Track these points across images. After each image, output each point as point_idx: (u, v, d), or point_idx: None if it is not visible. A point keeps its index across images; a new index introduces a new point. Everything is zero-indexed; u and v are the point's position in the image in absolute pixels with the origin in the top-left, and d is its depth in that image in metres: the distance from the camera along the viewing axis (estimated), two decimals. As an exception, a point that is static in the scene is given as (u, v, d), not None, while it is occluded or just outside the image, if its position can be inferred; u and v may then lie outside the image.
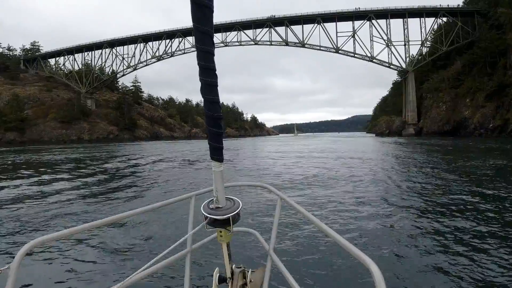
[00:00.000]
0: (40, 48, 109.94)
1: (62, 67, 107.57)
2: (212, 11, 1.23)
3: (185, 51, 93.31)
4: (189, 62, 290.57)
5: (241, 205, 1.56)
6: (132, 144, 62.30)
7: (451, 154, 21.30)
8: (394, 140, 51.74)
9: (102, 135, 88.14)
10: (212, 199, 1.56)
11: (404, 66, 78.33)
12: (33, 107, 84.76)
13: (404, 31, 78.15)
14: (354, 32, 79.43)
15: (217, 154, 1.49)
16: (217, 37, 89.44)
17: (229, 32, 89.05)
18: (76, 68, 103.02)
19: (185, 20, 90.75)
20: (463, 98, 64.05)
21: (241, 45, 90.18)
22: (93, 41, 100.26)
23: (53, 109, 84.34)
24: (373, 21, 78.63)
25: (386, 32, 78.05)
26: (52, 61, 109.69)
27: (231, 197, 1.61)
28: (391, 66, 79.40)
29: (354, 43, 79.64)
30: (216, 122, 1.42)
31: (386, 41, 78.10)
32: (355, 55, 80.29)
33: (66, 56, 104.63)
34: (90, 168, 17.26)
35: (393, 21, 78.82)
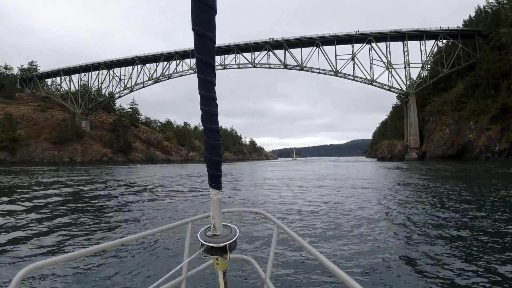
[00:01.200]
0: (38, 68, 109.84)
1: (59, 87, 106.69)
2: (214, 43, 1.27)
3: (183, 74, 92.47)
4: (188, 85, 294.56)
5: (238, 232, 1.59)
6: (125, 167, 60.13)
7: (466, 181, 19.03)
8: (396, 165, 49.42)
9: (95, 158, 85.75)
10: (209, 226, 1.59)
11: (405, 89, 77.09)
12: (26, 127, 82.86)
13: (404, 53, 77.42)
14: (354, 55, 78.70)
15: (215, 181, 1.51)
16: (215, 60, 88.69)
17: (227, 55, 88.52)
18: (73, 88, 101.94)
19: (183, 43, 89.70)
20: (467, 121, 62.60)
21: (239, 68, 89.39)
22: (90, 62, 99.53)
23: (46, 130, 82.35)
24: (373, 44, 78.00)
25: (386, 55, 77.28)
26: (49, 81, 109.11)
27: (228, 224, 1.63)
28: (392, 89, 78.10)
29: (353, 66, 78.79)
30: (215, 150, 1.44)
31: (386, 64, 77.16)
32: (355, 78, 79.18)
33: (63, 77, 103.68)
34: (81, 193, 16.53)
35: (393, 44, 78.29)
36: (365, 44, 78.69)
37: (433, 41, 76.86)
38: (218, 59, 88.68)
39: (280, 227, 1.79)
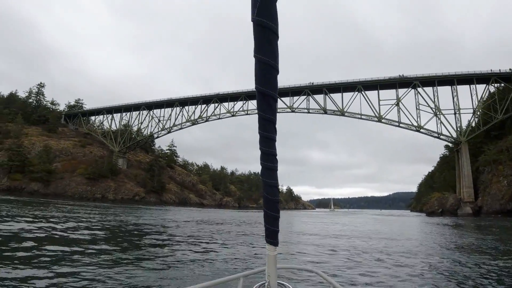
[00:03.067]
0: (84, 105, 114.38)
1: (100, 125, 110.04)
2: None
3: (220, 117, 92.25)
4: (227, 131, 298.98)
5: None
6: (158, 209, 58.28)
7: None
8: (453, 221, 43.30)
9: (127, 196, 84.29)
10: (264, 283, 1.55)
11: (455, 136, 71.26)
12: (63, 161, 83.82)
13: (453, 98, 72.68)
14: (398, 100, 74.89)
15: (272, 237, 1.49)
16: (253, 103, 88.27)
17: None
18: (114, 127, 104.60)
19: (221, 88, 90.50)
20: (527, 171, 56.04)
21: (278, 112, 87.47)
22: (131, 102, 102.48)
23: (83, 165, 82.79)
24: (419, 88, 74.21)
25: (433, 100, 72.87)
26: (92, 118, 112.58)
27: (283, 283, 1.59)
28: (441, 137, 72.50)
29: (398, 111, 74.71)
30: (274, 206, 1.44)
31: (434, 109, 72.47)
32: (400, 125, 74.63)
33: (105, 115, 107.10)
34: (118, 234, 15.99)
35: (440, 88, 74.11)
36: (410, 88, 75.04)
37: (484, 85, 71.73)
38: (255, 103, 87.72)
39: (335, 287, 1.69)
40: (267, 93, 1.28)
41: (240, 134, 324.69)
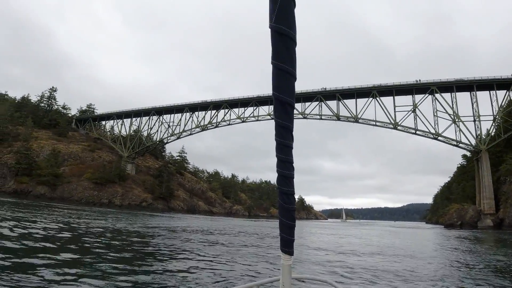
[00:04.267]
0: (95, 110, 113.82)
1: (110, 130, 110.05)
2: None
3: (230, 123, 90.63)
4: (238, 139, 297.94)
5: None
6: (166, 216, 56.69)
7: None
8: (474, 235, 40.24)
9: (134, 202, 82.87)
10: None
11: (474, 144, 67.87)
12: (71, 165, 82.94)
13: (472, 105, 69.44)
14: (415, 106, 71.97)
15: (288, 246, 1.48)
16: (264, 109, 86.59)
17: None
18: (123, 132, 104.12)
19: (232, 96, 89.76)
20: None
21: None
22: (141, 107, 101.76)
23: (90, 169, 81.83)
24: (437, 94, 71.19)
25: (451, 106, 69.74)
26: (102, 123, 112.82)
27: None
28: (460, 145, 69.20)
29: (415, 118, 71.73)
30: (290, 214, 1.44)
31: (453, 116, 69.25)
32: (417, 132, 71.65)
33: (115, 120, 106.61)
34: (128, 240, 15.59)
35: (459, 94, 70.92)
36: (427, 94, 72.07)
37: (505, 91, 68.21)
38: (266, 108, 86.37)
39: None
40: (284, 100, 1.26)
41: (252, 143, 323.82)
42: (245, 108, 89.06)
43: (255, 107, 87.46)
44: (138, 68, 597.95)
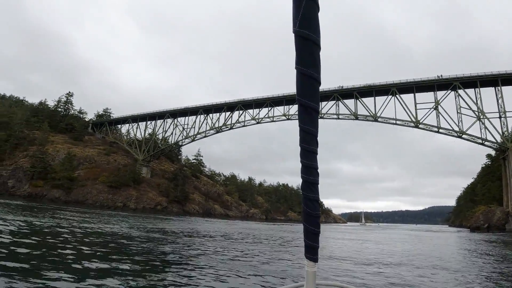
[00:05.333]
0: (112, 114, 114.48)
1: (126, 134, 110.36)
2: (318, 113, 1.31)
3: (245, 124, 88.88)
4: (255, 143, 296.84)
5: None
6: (181, 220, 54.97)
7: None
8: (504, 239, 37.26)
9: (149, 205, 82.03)
10: None
11: (500, 141, 64.05)
12: (86, 168, 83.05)
13: (497, 100, 65.65)
14: (437, 103, 68.60)
15: (312, 253, 1.47)
16: (279, 110, 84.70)
17: (292, 105, 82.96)
18: (139, 135, 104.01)
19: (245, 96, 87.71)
20: None
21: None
22: (156, 110, 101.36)
23: (105, 173, 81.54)
24: (460, 90, 67.70)
25: (476, 102, 66.17)
26: (118, 127, 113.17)
27: None
28: (486, 143, 65.47)
29: (437, 116, 68.26)
30: (315, 221, 1.44)
31: (477, 113, 65.62)
32: (440, 130, 68.06)
33: (131, 124, 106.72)
34: (142, 245, 14.72)
35: (483, 90, 67.09)
36: (449, 90, 68.62)
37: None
38: (281, 109, 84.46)
39: None
40: (308, 105, 1.25)
41: (268, 146, 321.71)
42: (260, 109, 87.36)
43: (269, 108, 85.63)
44: (153, 73, 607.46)
